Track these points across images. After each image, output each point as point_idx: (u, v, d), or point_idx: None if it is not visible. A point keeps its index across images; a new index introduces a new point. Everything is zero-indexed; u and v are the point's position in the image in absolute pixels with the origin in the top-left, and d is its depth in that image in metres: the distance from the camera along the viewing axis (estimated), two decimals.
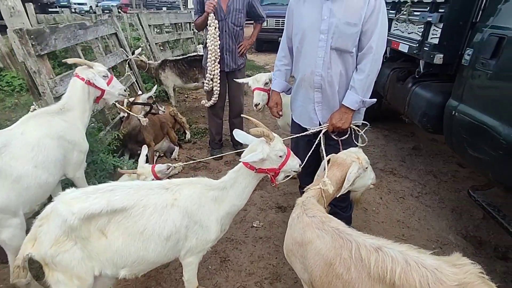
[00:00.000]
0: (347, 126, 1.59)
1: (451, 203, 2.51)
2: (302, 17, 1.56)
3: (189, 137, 3.43)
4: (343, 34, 1.46)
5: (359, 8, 1.42)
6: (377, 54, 1.48)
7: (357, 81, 1.52)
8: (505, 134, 1.59)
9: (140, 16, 4.52)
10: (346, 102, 1.56)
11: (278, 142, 1.33)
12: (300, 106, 1.76)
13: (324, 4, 1.47)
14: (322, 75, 1.56)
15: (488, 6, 1.88)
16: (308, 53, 1.57)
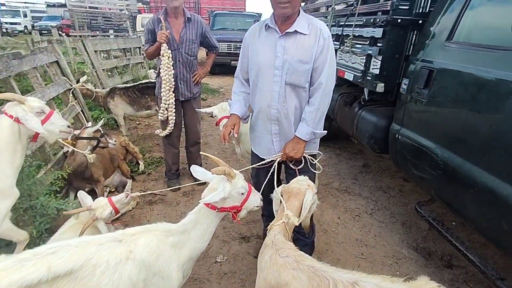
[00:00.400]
0: (300, 156, 1.65)
1: (401, 217, 2.69)
2: (258, 53, 1.61)
3: (143, 168, 3.25)
4: (296, 71, 1.54)
5: (310, 47, 1.51)
6: (327, 89, 1.59)
7: (308, 114, 1.61)
8: (441, 155, 1.78)
9: (85, 42, 4.29)
10: (298, 133, 1.63)
11: (239, 179, 1.33)
12: (258, 137, 1.81)
13: (278, 42, 1.54)
14: (278, 108, 1.62)
15: (418, 42, 2.13)
16: (264, 87, 1.63)
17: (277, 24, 1.55)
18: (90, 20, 13.77)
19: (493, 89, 1.47)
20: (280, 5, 1.43)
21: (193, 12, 11.08)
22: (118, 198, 1.63)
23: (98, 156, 2.66)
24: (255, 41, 1.64)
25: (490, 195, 1.47)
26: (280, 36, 1.54)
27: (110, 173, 2.86)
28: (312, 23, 1.54)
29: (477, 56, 1.61)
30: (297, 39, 1.52)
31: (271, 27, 1.56)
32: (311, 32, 1.52)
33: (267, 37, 1.59)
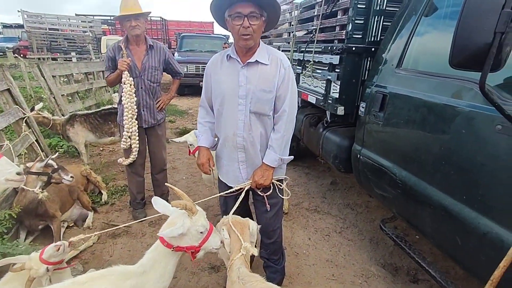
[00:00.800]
0: (269, 183, 1.67)
1: (369, 234, 2.76)
2: (220, 83, 1.63)
3: (106, 198, 3.09)
4: (260, 100, 1.58)
5: (271, 77, 1.56)
6: (290, 115, 1.64)
7: (275, 141, 1.64)
8: (399, 175, 1.86)
9: (42, 67, 4.10)
10: (266, 161, 1.66)
11: (201, 217, 1.29)
12: (225, 165, 1.81)
13: (240, 72, 1.57)
14: (244, 136, 1.64)
15: (372, 68, 2.27)
16: (229, 116, 1.64)
17: (239, 55, 1.59)
18: (50, 42, 13.29)
19: (438, 113, 1.59)
20: (243, 37, 1.46)
21: (161, 34, 11.06)
22: (49, 252, 1.41)
23: (54, 188, 2.49)
24: (217, 71, 1.66)
25: (444, 213, 1.55)
26: (242, 66, 1.57)
27: (69, 206, 2.68)
28: (272, 54, 1.60)
29: (422, 82, 1.74)
30: (259, 69, 1.57)
31: (232, 57, 1.59)
32: (272, 62, 1.57)
33: (229, 67, 1.62)
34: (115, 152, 4.49)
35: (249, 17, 1.42)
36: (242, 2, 1.42)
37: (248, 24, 1.42)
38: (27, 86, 5.68)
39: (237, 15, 1.43)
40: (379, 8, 2.19)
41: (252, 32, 1.45)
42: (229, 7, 1.46)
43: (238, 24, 1.44)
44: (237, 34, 1.47)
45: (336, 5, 2.41)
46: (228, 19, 1.48)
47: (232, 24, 1.47)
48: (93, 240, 2.49)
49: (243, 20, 1.42)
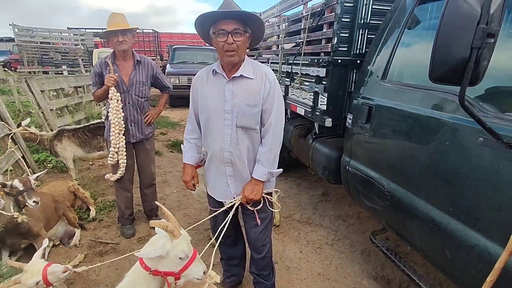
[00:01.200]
0: (259, 197, 1.66)
1: (360, 246, 2.73)
2: (207, 98, 1.63)
3: (94, 214, 3.02)
4: (246, 114, 1.58)
5: (257, 91, 1.57)
6: (277, 128, 1.64)
7: (263, 155, 1.64)
8: (387, 186, 1.86)
9: (30, 82, 4.06)
10: (255, 175, 1.65)
11: (182, 241, 1.24)
12: (213, 180, 1.79)
13: (226, 86, 1.58)
14: (231, 151, 1.63)
15: (358, 80, 2.29)
16: (216, 131, 1.64)
17: (224, 70, 1.59)
18: (41, 55, 13.23)
19: (422, 126, 1.60)
20: (228, 53, 1.47)
21: (153, 46, 11.11)
22: (55, 269, 1.40)
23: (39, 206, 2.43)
24: (203, 86, 1.66)
25: (432, 225, 1.54)
26: (228, 81, 1.57)
27: (54, 223, 2.60)
28: (257, 68, 1.61)
29: (407, 94, 1.76)
30: (244, 83, 1.57)
31: (218, 72, 1.60)
32: (257, 76, 1.58)
33: (215, 82, 1.62)
34: (104, 166, 4.43)
35: (233, 33, 1.43)
36: (225, 19, 1.43)
37: (232, 41, 1.43)
38: (16, 100, 5.62)
39: (221, 32, 1.44)
40: (363, 22, 2.23)
41: (236, 48, 1.46)
42: (213, 24, 1.47)
43: (222, 41, 1.45)
44: (221, 51, 1.48)
45: (321, 19, 2.45)
46: (213, 36, 1.49)
47: (216, 41, 1.48)
48: (79, 259, 2.42)
49: (227, 36, 1.43)
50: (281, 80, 3.22)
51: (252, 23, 1.50)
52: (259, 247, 1.85)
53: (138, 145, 2.69)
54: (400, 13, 1.97)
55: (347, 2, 2.18)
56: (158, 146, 5.48)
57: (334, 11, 2.25)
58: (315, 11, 2.52)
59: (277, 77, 3.26)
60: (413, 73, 1.85)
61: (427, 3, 1.82)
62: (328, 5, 2.36)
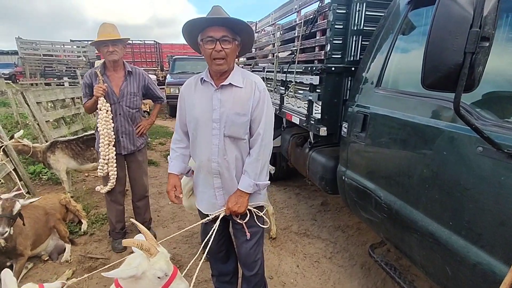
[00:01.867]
0: (243, 210, 1.58)
1: (360, 259, 2.63)
2: (194, 106, 1.58)
3: (86, 228, 2.95)
4: (234, 123, 1.52)
5: (246, 100, 1.51)
6: (266, 139, 1.57)
7: (249, 165, 1.57)
8: (384, 197, 1.77)
9: (26, 94, 4.04)
10: (240, 186, 1.58)
11: (160, 259, 1.17)
12: (201, 192, 1.73)
13: (214, 95, 1.52)
14: (218, 161, 1.57)
15: (353, 87, 2.22)
16: (203, 140, 1.58)
17: (213, 78, 1.54)
18: (44, 67, 13.37)
19: (418, 134, 1.52)
20: (216, 62, 1.42)
21: (155, 57, 11.21)
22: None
23: (30, 220, 2.36)
24: (191, 95, 1.61)
25: (432, 240, 1.45)
26: (216, 90, 1.52)
27: (45, 238, 2.53)
28: (247, 77, 1.56)
29: (401, 102, 1.69)
30: (233, 92, 1.52)
31: (206, 81, 1.55)
32: (247, 85, 1.53)
33: (203, 90, 1.57)
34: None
35: (221, 41, 1.39)
36: (213, 25, 1.39)
37: (221, 48, 1.39)
38: (14, 112, 5.62)
39: (209, 39, 1.40)
40: (357, 28, 2.18)
41: (225, 56, 1.41)
42: (201, 32, 1.43)
43: (210, 48, 1.40)
44: (209, 58, 1.44)
45: (314, 26, 2.40)
46: (201, 43, 1.45)
47: (204, 48, 1.43)
48: (67, 275, 2.34)
49: (215, 44, 1.39)
50: (276, 89, 3.17)
51: (242, 31, 1.46)
52: (251, 263, 1.76)
53: (130, 157, 2.63)
54: (394, 18, 1.92)
55: (340, 8, 2.13)
56: (156, 156, 5.43)
57: (327, 18, 2.20)
58: (308, 18, 2.47)
59: (273, 85, 3.22)
60: (408, 80, 1.79)
61: (421, 8, 1.76)
62: (321, 12, 2.31)
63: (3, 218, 2.01)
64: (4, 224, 2.00)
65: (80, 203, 3.21)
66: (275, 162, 4.04)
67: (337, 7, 2.13)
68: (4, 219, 2.01)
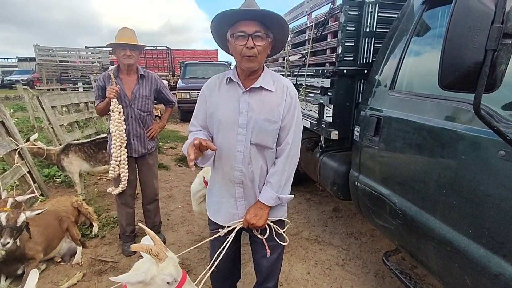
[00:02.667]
0: (263, 224, 1.45)
1: (374, 266, 2.55)
2: (217, 108, 1.43)
3: (97, 230, 2.97)
4: (263, 131, 1.39)
5: (276, 105, 1.40)
6: (294, 149, 1.45)
7: (273, 176, 1.44)
8: (399, 204, 1.71)
9: (41, 98, 4.14)
10: (261, 198, 1.45)
11: (169, 264, 1.14)
12: (216, 202, 1.56)
13: (242, 97, 1.39)
14: (242, 170, 1.43)
15: (365, 90, 2.18)
16: (226, 146, 1.44)
17: (240, 78, 1.40)
18: (60, 73, 13.75)
19: (435, 138, 1.47)
20: (247, 59, 1.29)
21: (166, 63, 11.35)
22: None
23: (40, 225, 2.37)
24: (214, 95, 1.46)
25: (450, 248, 1.39)
26: (244, 92, 1.38)
27: (57, 242, 2.54)
28: (278, 81, 1.44)
29: (417, 105, 1.63)
30: (263, 96, 1.40)
31: (233, 80, 1.40)
32: (277, 89, 1.41)
33: (228, 91, 1.42)
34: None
35: (253, 37, 1.26)
36: (246, 20, 1.27)
37: (253, 45, 1.26)
38: (30, 116, 5.77)
39: (241, 34, 1.27)
40: (369, 30, 2.14)
41: (256, 53, 1.28)
42: (232, 26, 1.30)
43: (241, 44, 1.27)
44: (239, 55, 1.31)
45: (325, 29, 2.37)
46: (230, 40, 1.32)
47: (234, 44, 1.30)
48: (77, 278, 2.34)
49: (247, 40, 1.26)
50: None
51: (276, 26, 1.32)
52: (269, 276, 1.64)
53: (141, 160, 2.64)
54: (408, 19, 1.87)
55: (352, 10, 2.10)
56: (166, 160, 5.46)
57: (338, 20, 2.17)
58: (319, 21, 2.45)
59: None
60: (423, 82, 1.73)
61: (436, 8, 1.71)
62: (332, 14, 2.29)
63: (5, 229, 1.99)
64: (6, 235, 1.99)
65: (92, 206, 3.24)
66: None
67: (349, 9, 2.09)
68: (7, 230, 1.99)
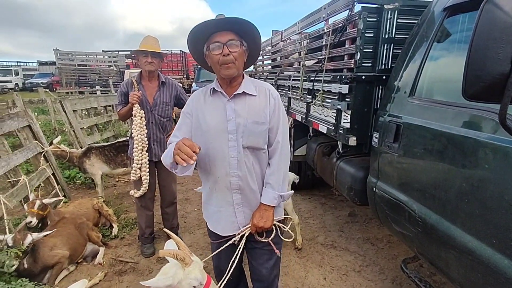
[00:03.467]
0: (270, 224, 1.49)
1: (391, 273, 2.53)
2: (205, 119, 1.45)
3: (116, 231, 3.06)
4: (253, 133, 1.44)
5: (262, 108, 1.46)
6: (285, 147, 1.52)
7: (271, 177, 1.50)
8: (419, 211, 1.70)
9: (64, 102, 4.30)
10: (264, 200, 1.49)
11: (195, 269, 1.18)
12: (215, 212, 1.55)
13: (227, 105, 1.44)
14: (239, 175, 1.47)
15: (384, 96, 2.17)
16: (219, 154, 1.46)
17: (223, 88, 1.45)
18: (78, 76, 14.20)
19: (457, 146, 1.46)
20: (224, 66, 1.33)
21: (180, 66, 11.54)
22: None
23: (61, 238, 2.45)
24: (200, 107, 1.48)
25: (472, 257, 1.37)
26: (229, 99, 1.43)
27: (81, 249, 2.61)
28: (259, 85, 1.50)
29: (438, 112, 1.63)
30: (247, 101, 1.45)
31: (217, 90, 1.45)
32: (260, 93, 1.47)
33: (213, 101, 1.46)
34: (130, 184, 4.53)
35: (228, 44, 1.31)
36: (219, 31, 1.33)
37: (228, 52, 1.31)
38: (52, 119, 5.98)
39: (216, 45, 1.32)
40: (388, 36, 2.13)
41: (233, 59, 1.33)
42: (207, 40, 1.36)
43: (217, 54, 1.32)
44: (217, 65, 1.35)
45: (343, 35, 2.38)
46: (207, 53, 1.37)
47: (211, 55, 1.35)
48: (99, 277, 2.42)
49: (222, 48, 1.31)
50: (302, 97, 3.16)
51: (247, 34, 1.37)
52: (271, 282, 1.64)
53: (160, 164, 2.70)
54: (428, 26, 1.86)
55: (370, 16, 2.10)
56: None
57: (357, 26, 2.18)
58: (337, 27, 2.46)
59: (299, 94, 3.21)
60: (445, 89, 1.73)
61: (458, 15, 1.70)
62: (350, 21, 2.29)
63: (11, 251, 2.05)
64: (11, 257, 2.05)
65: (111, 208, 3.34)
66: (300, 171, 4.01)
67: (368, 15, 2.10)
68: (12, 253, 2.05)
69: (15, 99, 5.69)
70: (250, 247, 1.59)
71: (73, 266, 2.55)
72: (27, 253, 2.15)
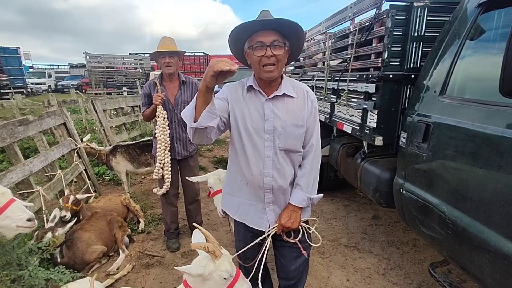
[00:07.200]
0: (297, 225, 1.49)
1: (417, 277, 2.46)
2: (243, 115, 1.43)
3: (143, 226, 3.17)
4: (291, 135, 1.44)
5: (300, 110, 1.45)
6: (317, 150, 1.52)
7: (301, 178, 1.50)
8: (449, 213, 1.65)
9: (95, 102, 4.52)
10: (293, 201, 1.50)
11: (225, 261, 1.21)
12: (244, 204, 1.56)
13: (265, 105, 1.43)
14: (273, 175, 1.47)
15: (413, 95, 2.13)
16: (255, 153, 1.45)
17: (261, 87, 1.42)
18: (106, 78, 14.80)
19: (492, 146, 1.40)
20: (266, 68, 1.30)
21: (203, 68, 11.87)
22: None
23: (95, 233, 2.57)
24: (239, 102, 1.44)
25: (508, 262, 1.32)
26: (267, 99, 1.40)
27: (112, 244, 2.73)
28: (297, 86, 1.49)
29: (471, 111, 1.57)
30: (285, 102, 1.44)
31: (255, 88, 1.42)
32: (298, 95, 1.46)
33: (250, 99, 1.43)
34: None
35: (272, 46, 1.28)
36: (263, 30, 1.29)
37: (271, 54, 1.28)
38: (83, 119, 6.29)
39: (259, 45, 1.28)
40: (417, 34, 2.09)
41: (276, 61, 1.30)
42: (249, 37, 1.33)
43: (260, 55, 1.29)
44: (258, 66, 1.32)
45: (370, 33, 2.36)
46: (248, 51, 1.34)
47: (253, 55, 1.31)
48: (128, 269, 2.52)
49: (265, 50, 1.28)
50: (327, 97, 3.14)
51: (292, 34, 1.34)
52: (300, 279, 1.65)
53: (183, 162, 2.79)
54: (461, 23, 1.81)
55: (399, 14, 2.07)
56: (204, 162, 5.65)
57: (385, 25, 2.15)
58: (364, 26, 2.43)
59: (323, 94, 3.20)
60: (479, 88, 1.67)
61: (492, 11, 1.64)
62: (378, 19, 2.26)
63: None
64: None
65: (138, 203, 3.46)
66: (322, 172, 3.97)
67: (396, 13, 2.07)
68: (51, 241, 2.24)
69: (50, 99, 6.04)
70: (279, 245, 1.59)
71: (105, 259, 2.66)
72: (64, 243, 2.28)
